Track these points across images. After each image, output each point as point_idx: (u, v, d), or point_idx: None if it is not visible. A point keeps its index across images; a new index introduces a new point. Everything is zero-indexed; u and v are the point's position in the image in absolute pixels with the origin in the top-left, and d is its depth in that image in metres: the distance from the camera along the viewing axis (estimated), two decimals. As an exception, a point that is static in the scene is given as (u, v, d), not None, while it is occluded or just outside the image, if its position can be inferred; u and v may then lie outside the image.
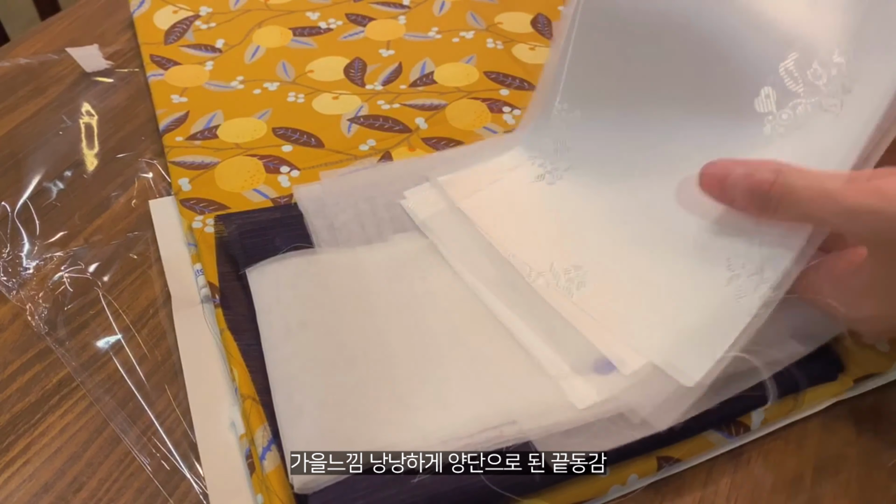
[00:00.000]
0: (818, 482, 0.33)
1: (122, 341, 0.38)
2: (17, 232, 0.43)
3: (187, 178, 0.45)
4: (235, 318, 0.37)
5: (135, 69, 0.54)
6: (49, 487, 0.33)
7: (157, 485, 0.33)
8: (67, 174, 0.47)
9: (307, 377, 0.33)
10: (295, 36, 0.57)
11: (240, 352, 0.35)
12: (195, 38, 0.57)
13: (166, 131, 0.48)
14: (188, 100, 0.51)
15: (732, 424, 0.34)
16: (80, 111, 0.51)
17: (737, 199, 0.32)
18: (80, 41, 0.56)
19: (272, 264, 0.38)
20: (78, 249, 0.42)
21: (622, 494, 0.32)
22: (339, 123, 0.49)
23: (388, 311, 0.36)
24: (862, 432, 0.35)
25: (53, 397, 0.36)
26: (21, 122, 0.50)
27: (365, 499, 0.29)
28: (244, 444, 0.33)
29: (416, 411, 0.32)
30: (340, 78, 0.53)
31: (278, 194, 0.44)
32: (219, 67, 0.54)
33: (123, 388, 0.36)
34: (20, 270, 0.41)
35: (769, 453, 0.34)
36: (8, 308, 0.40)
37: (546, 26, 0.57)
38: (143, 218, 0.44)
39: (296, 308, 0.36)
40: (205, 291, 0.39)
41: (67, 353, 0.37)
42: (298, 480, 0.30)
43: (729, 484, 0.33)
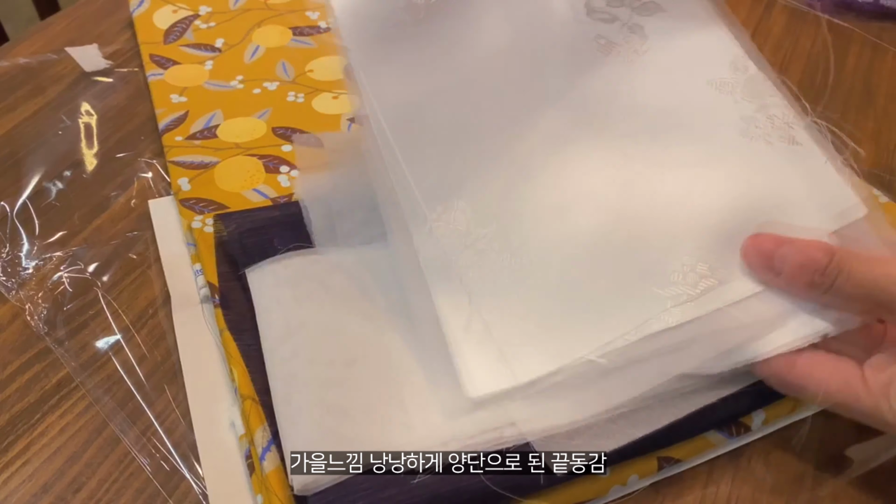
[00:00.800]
0: (818, 482, 0.33)
1: (122, 341, 0.38)
2: (17, 232, 0.43)
3: (187, 177, 0.45)
4: (235, 318, 0.37)
5: (134, 69, 0.54)
6: (48, 488, 0.33)
7: (156, 485, 0.33)
8: (67, 174, 0.47)
9: (307, 377, 0.33)
10: (295, 35, 0.57)
11: (239, 352, 0.35)
12: (195, 37, 0.57)
13: (166, 131, 0.48)
14: (188, 99, 0.51)
15: (733, 424, 0.34)
16: (79, 111, 0.51)
17: (785, 273, 0.31)
18: (80, 41, 0.56)
19: (272, 264, 0.38)
20: (77, 249, 0.42)
21: (622, 495, 0.32)
22: (339, 123, 0.49)
23: (387, 311, 0.36)
24: (862, 432, 0.34)
25: (53, 397, 0.36)
26: (20, 121, 0.50)
27: (365, 499, 0.29)
28: (244, 445, 0.33)
29: (415, 411, 0.32)
30: (340, 77, 0.52)
31: (278, 194, 0.44)
32: (218, 67, 0.54)
33: (123, 389, 0.36)
34: (19, 270, 0.41)
35: (769, 453, 0.34)
36: (7, 308, 0.39)
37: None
38: (143, 218, 0.44)
39: (295, 308, 0.36)
40: (204, 291, 0.39)
41: (67, 353, 0.37)
42: (298, 481, 0.30)
43: (729, 484, 0.33)
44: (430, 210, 0.35)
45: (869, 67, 0.55)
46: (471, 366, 0.32)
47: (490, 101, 0.37)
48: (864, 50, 0.57)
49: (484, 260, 0.34)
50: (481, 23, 0.38)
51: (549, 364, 0.31)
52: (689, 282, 0.32)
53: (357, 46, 0.38)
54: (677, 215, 0.34)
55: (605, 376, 0.31)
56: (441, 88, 0.37)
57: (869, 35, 0.57)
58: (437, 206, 0.35)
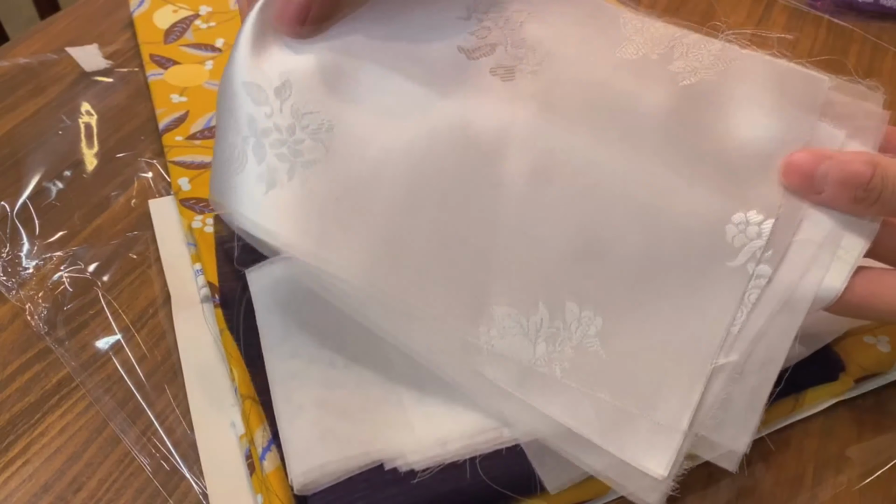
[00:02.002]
0: (818, 482, 0.33)
1: (122, 341, 0.38)
2: (17, 232, 0.43)
3: (187, 177, 0.45)
4: (235, 318, 0.37)
5: (134, 69, 0.54)
6: (49, 487, 0.33)
7: (156, 485, 0.33)
8: (67, 174, 0.47)
9: (306, 377, 0.33)
10: (295, 35, 0.57)
11: (239, 352, 0.35)
12: (195, 37, 0.56)
13: (166, 131, 0.48)
14: (188, 99, 0.51)
15: (733, 424, 0.34)
16: (79, 111, 0.51)
17: (827, 190, 0.30)
18: (80, 41, 0.56)
19: (272, 264, 0.38)
20: (77, 249, 0.42)
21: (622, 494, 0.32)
22: (339, 123, 0.49)
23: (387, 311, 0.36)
24: (862, 432, 0.35)
25: (53, 397, 0.36)
26: (20, 121, 0.50)
27: (365, 499, 0.29)
28: (244, 445, 0.33)
29: (415, 411, 0.32)
30: (340, 77, 0.53)
31: (278, 194, 0.44)
32: (219, 67, 0.54)
33: (123, 388, 0.36)
34: (20, 270, 0.41)
35: (769, 453, 0.34)
36: (7, 308, 0.39)
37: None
38: (143, 218, 0.44)
39: (295, 308, 0.36)
40: (204, 291, 0.39)
41: (67, 353, 0.37)
42: (298, 481, 0.30)
43: (729, 484, 0.33)
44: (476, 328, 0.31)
45: (869, 67, 0.55)
46: (634, 454, 0.29)
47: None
48: (864, 50, 0.57)
49: (556, 358, 0.31)
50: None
51: (691, 395, 0.29)
52: (752, 236, 0.30)
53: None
54: (698, 180, 0.31)
55: (743, 374, 0.29)
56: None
57: (869, 35, 0.57)
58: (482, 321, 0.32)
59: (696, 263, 0.30)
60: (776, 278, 0.29)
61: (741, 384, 0.29)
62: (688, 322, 0.30)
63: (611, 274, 0.30)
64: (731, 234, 0.30)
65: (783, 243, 0.30)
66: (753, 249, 0.30)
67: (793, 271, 0.29)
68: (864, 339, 0.36)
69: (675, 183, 0.30)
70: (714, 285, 0.30)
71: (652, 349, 0.30)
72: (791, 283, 0.29)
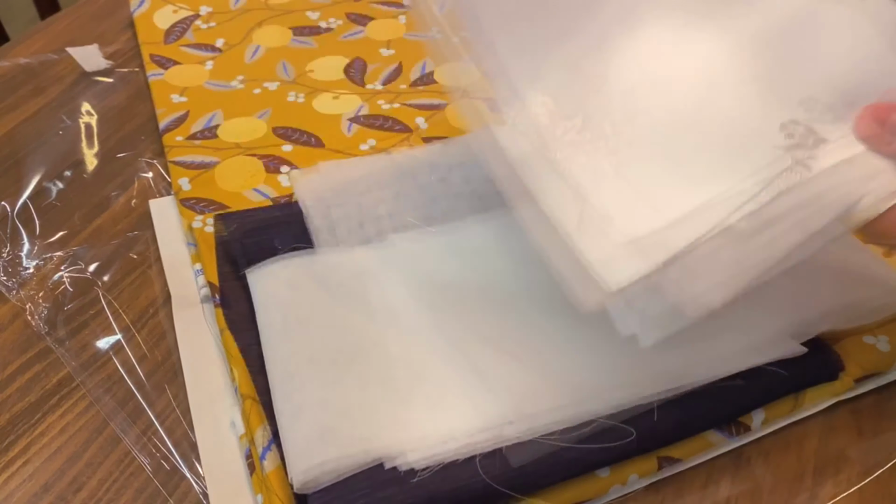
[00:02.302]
0: (818, 482, 0.33)
1: (122, 341, 0.38)
2: (17, 232, 0.43)
3: (187, 177, 0.45)
4: (235, 317, 0.37)
5: (135, 69, 0.54)
6: (49, 487, 0.33)
7: (157, 485, 0.33)
8: (67, 174, 0.47)
9: (306, 377, 0.33)
10: (295, 35, 0.57)
11: (240, 352, 0.35)
12: (195, 37, 0.57)
13: (166, 131, 0.48)
14: (188, 99, 0.51)
15: (733, 424, 0.34)
16: (79, 111, 0.51)
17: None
18: (80, 41, 0.56)
19: (272, 264, 0.38)
20: (78, 249, 0.42)
21: (622, 494, 0.32)
22: (340, 123, 0.49)
23: (386, 311, 0.36)
24: (862, 432, 0.35)
25: (53, 397, 0.36)
26: (21, 121, 0.50)
27: (365, 499, 0.29)
28: (244, 444, 0.33)
29: (415, 411, 0.32)
30: (341, 77, 0.53)
31: (278, 194, 0.44)
32: (219, 67, 0.54)
33: (123, 388, 0.36)
34: (20, 270, 0.41)
35: (769, 453, 0.34)
36: (8, 308, 0.40)
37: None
38: (143, 218, 0.44)
39: (295, 308, 0.36)
40: (205, 291, 0.39)
41: (67, 352, 0.37)
42: (298, 479, 0.30)
43: (729, 484, 0.33)
44: (509, 108, 0.33)
45: None
46: (601, 259, 0.29)
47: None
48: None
49: (579, 151, 0.32)
50: None
51: (683, 238, 0.29)
52: (799, 139, 0.30)
53: None
54: (774, 83, 0.31)
55: (743, 242, 0.29)
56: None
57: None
58: (515, 103, 0.33)
59: (746, 135, 0.31)
60: (815, 179, 0.29)
61: (737, 250, 0.29)
62: (716, 179, 0.30)
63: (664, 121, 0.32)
64: (787, 128, 0.30)
65: (834, 158, 0.30)
66: (805, 143, 0.30)
67: (834, 179, 0.29)
68: (864, 338, 0.36)
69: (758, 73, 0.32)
70: (754, 157, 0.30)
71: (675, 188, 0.31)
72: (829, 187, 0.29)
